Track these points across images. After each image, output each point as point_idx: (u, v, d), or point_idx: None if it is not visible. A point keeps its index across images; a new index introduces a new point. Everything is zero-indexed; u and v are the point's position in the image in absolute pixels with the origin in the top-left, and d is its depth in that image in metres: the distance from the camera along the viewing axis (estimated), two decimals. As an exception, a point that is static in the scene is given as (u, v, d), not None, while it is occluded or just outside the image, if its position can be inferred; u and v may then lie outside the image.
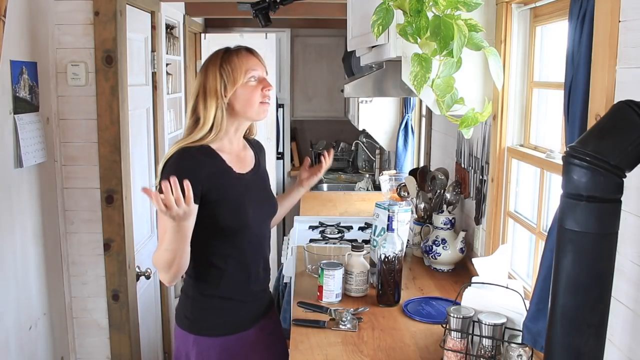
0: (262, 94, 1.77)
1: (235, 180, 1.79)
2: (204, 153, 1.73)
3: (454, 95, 1.60)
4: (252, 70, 1.76)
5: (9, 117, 2.14)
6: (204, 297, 1.80)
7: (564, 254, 1.09)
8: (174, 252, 1.60)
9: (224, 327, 1.80)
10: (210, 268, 1.78)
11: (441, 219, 2.41)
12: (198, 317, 1.81)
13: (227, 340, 1.80)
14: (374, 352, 1.71)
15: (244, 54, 1.78)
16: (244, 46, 1.83)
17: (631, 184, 1.15)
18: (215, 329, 1.80)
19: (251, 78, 1.76)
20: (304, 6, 3.69)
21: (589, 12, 1.32)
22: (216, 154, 1.76)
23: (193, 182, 1.56)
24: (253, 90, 1.76)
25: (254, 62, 1.78)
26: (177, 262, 1.62)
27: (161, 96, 3.43)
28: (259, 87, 1.77)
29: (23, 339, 2.26)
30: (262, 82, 1.78)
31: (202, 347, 1.79)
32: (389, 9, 1.53)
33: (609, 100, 1.26)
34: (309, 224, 3.36)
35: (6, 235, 2.14)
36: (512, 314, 1.54)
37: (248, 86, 1.75)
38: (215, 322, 1.80)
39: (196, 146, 1.73)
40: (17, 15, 2.17)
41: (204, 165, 1.71)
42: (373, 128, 4.50)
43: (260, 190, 1.90)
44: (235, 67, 1.74)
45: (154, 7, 3.28)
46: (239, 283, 1.81)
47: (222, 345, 1.79)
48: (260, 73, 1.79)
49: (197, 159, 1.71)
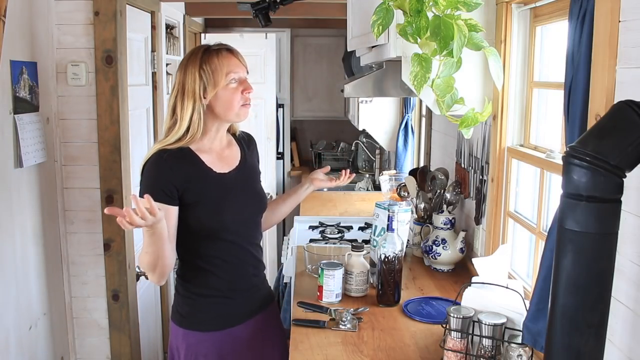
0: (243, 97, 1.75)
1: (215, 180, 1.78)
2: (180, 155, 1.73)
3: (454, 95, 1.60)
4: (233, 73, 1.73)
5: (9, 117, 2.14)
6: (193, 295, 1.82)
7: (564, 254, 1.09)
8: (154, 254, 1.62)
9: (212, 322, 1.82)
10: (196, 268, 1.81)
11: (441, 219, 2.40)
12: (188, 313, 1.83)
13: (215, 336, 1.82)
14: (374, 352, 1.71)
15: (224, 55, 1.74)
16: (224, 45, 1.78)
17: (631, 184, 1.15)
18: (203, 325, 1.82)
19: (232, 80, 1.73)
20: (304, 6, 3.69)
21: (589, 12, 1.32)
22: (194, 155, 1.76)
23: (168, 185, 1.66)
24: (234, 93, 1.73)
25: (234, 63, 1.74)
26: (159, 263, 1.65)
27: (161, 96, 3.43)
28: (240, 90, 1.74)
29: (23, 339, 2.26)
30: (242, 83, 1.75)
31: (191, 342, 1.81)
32: (389, 9, 1.53)
33: (609, 100, 1.26)
34: (309, 224, 3.36)
35: (6, 235, 2.14)
36: (512, 314, 1.54)
37: (229, 89, 1.72)
38: (204, 317, 1.82)
39: (173, 148, 1.72)
40: (17, 15, 2.17)
41: (178, 169, 1.71)
42: (373, 128, 4.50)
43: (245, 189, 1.86)
44: (216, 68, 1.71)
45: (154, 7, 3.28)
46: (225, 282, 1.82)
47: (211, 340, 1.81)
48: (241, 74, 1.76)
49: (170, 163, 1.71)
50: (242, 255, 1.85)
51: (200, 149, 1.78)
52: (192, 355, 1.81)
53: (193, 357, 1.81)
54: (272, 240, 4.82)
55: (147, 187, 1.69)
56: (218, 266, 1.80)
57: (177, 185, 1.70)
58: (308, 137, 5.92)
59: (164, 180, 1.69)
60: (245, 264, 1.86)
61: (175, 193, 1.69)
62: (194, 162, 1.75)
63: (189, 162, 1.74)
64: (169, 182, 1.69)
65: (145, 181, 1.72)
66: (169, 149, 1.72)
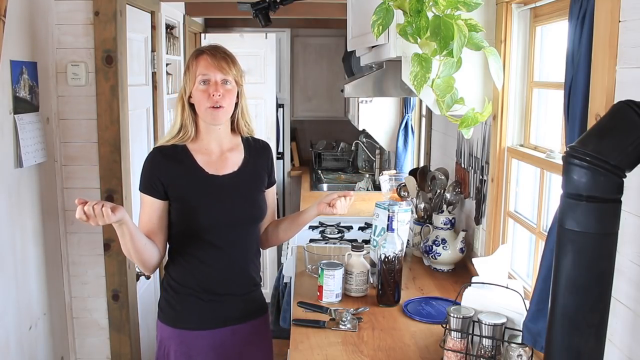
0: (209, 99, 1.75)
1: (203, 181, 1.81)
2: (172, 152, 1.81)
3: (454, 95, 1.60)
4: (202, 74, 1.76)
5: (9, 117, 2.14)
6: (169, 288, 1.87)
7: (564, 254, 1.09)
8: (124, 246, 1.72)
9: (180, 320, 1.85)
10: (176, 262, 1.86)
11: (441, 219, 2.40)
12: (162, 305, 1.89)
13: (183, 334, 1.84)
14: (374, 352, 1.71)
15: (203, 57, 1.78)
16: (211, 48, 1.81)
17: (631, 184, 1.15)
18: (172, 320, 1.86)
19: (201, 82, 1.76)
20: (304, 6, 3.69)
21: (589, 12, 1.32)
22: (187, 154, 1.82)
23: (154, 180, 1.79)
24: (201, 94, 1.76)
25: (207, 64, 1.76)
26: (135, 256, 1.74)
27: (161, 96, 3.43)
28: (207, 91, 1.76)
29: (23, 339, 2.26)
30: (212, 85, 1.76)
31: (163, 335, 1.87)
32: (389, 9, 1.53)
33: (609, 100, 1.26)
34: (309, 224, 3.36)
35: (6, 235, 2.14)
36: (512, 314, 1.54)
37: (198, 90, 1.77)
38: (173, 313, 1.86)
39: (169, 145, 1.82)
40: (17, 15, 2.17)
41: (165, 165, 1.80)
42: (373, 128, 4.50)
43: (238, 194, 1.85)
44: (192, 69, 1.78)
45: (154, 7, 3.28)
46: (197, 282, 1.83)
47: (178, 338, 1.84)
48: (212, 77, 1.76)
49: (159, 158, 1.81)
50: (221, 259, 1.83)
51: (197, 149, 1.83)
52: (163, 349, 1.86)
53: (164, 350, 1.86)
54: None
55: (141, 180, 1.82)
56: (194, 265, 1.83)
57: (163, 181, 1.79)
58: (308, 137, 5.92)
59: (151, 174, 1.80)
60: (224, 270, 1.84)
61: (161, 187, 1.79)
62: (183, 160, 1.81)
63: (178, 160, 1.81)
64: (155, 176, 1.79)
65: (141, 175, 1.83)
66: (164, 146, 1.83)
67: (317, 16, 4.35)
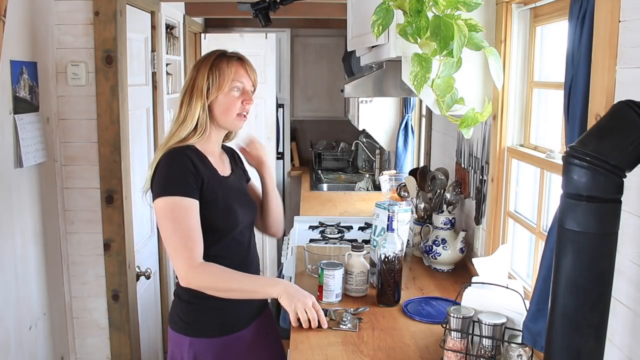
0: (241, 107, 1.80)
1: (223, 182, 1.82)
2: (192, 153, 1.75)
3: (454, 95, 1.60)
4: (238, 82, 1.79)
5: (9, 117, 2.14)
6: (198, 300, 1.77)
7: (564, 254, 1.09)
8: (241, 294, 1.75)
9: (219, 327, 1.80)
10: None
11: (441, 219, 2.40)
12: (193, 320, 1.79)
13: (224, 341, 1.80)
14: (374, 352, 1.71)
15: (234, 63, 1.80)
16: (237, 54, 1.84)
17: (631, 184, 1.15)
18: (210, 330, 1.79)
19: (235, 88, 1.78)
20: (304, 6, 3.69)
21: (589, 12, 1.32)
22: (203, 155, 1.79)
23: (194, 178, 1.68)
24: (233, 101, 1.78)
25: (241, 73, 1.80)
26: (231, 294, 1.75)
27: (161, 96, 3.43)
28: (240, 99, 1.79)
29: (23, 339, 2.26)
30: (244, 94, 1.81)
31: (198, 349, 1.78)
32: (389, 9, 1.53)
33: (609, 100, 1.26)
34: (309, 224, 3.36)
35: (6, 235, 2.14)
36: (512, 314, 1.54)
37: (230, 95, 1.78)
38: (210, 323, 1.79)
39: (183, 146, 1.75)
40: (17, 15, 2.17)
41: (198, 165, 1.73)
42: (373, 128, 4.50)
43: (241, 194, 1.90)
44: (223, 73, 1.77)
45: (154, 7, 3.28)
46: None
47: (219, 346, 1.79)
48: (246, 85, 1.81)
49: (192, 158, 1.73)
50: (246, 255, 1.87)
51: (206, 150, 1.81)
52: None
53: None
54: (272, 240, 4.82)
55: (171, 182, 1.69)
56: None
57: (199, 181, 1.71)
58: (308, 137, 5.92)
59: (189, 173, 1.69)
60: (247, 267, 1.86)
61: (199, 187, 1.71)
62: (204, 161, 1.78)
63: (201, 160, 1.76)
64: (194, 175, 1.70)
65: (167, 177, 1.71)
66: (179, 147, 1.74)
67: (317, 16, 4.36)
